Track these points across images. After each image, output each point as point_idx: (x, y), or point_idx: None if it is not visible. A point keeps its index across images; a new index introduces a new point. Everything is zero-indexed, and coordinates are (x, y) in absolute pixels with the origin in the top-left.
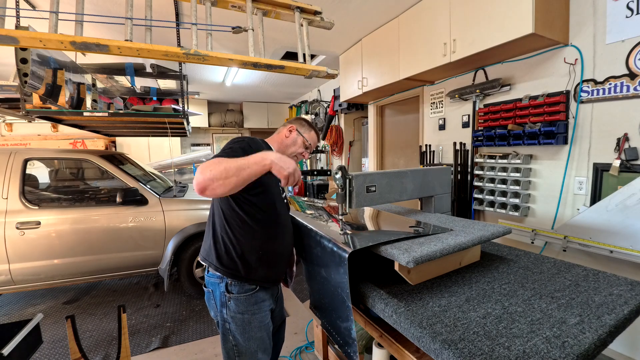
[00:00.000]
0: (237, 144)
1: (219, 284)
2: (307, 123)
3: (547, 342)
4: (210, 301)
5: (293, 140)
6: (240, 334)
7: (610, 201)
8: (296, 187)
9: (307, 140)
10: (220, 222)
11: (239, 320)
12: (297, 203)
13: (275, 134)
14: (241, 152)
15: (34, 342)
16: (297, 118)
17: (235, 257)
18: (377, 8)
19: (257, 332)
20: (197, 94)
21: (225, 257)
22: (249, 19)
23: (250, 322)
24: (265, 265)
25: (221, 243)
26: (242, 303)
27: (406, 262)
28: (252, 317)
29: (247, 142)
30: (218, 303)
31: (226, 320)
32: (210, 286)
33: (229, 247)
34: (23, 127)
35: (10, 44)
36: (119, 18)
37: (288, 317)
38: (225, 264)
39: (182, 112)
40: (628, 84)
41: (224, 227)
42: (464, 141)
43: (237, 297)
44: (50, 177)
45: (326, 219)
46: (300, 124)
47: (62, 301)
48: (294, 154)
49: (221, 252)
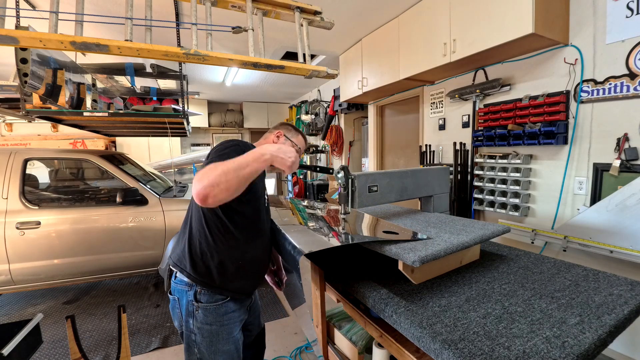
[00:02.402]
0: (230, 148)
1: (187, 291)
2: (293, 128)
3: (547, 342)
4: (175, 310)
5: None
6: (207, 347)
7: (610, 201)
8: (296, 188)
9: (295, 144)
10: (199, 226)
11: (206, 332)
12: (299, 213)
13: (263, 140)
14: (235, 155)
15: (34, 342)
16: (282, 123)
17: (212, 265)
18: (377, 8)
19: (225, 345)
20: (197, 94)
21: (200, 265)
22: (249, 19)
23: (218, 333)
24: (242, 276)
25: (197, 249)
26: (211, 313)
27: (412, 262)
28: (221, 328)
29: (239, 145)
30: (184, 312)
31: (192, 331)
32: (177, 294)
33: (206, 255)
34: (23, 127)
35: (10, 44)
36: (119, 18)
37: (288, 317)
38: (199, 272)
39: (182, 112)
40: (628, 84)
41: (204, 232)
42: (464, 141)
43: (206, 306)
44: (50, 177)
45: (327, 233)
46: (287, 129)
47: (62, 301)
48: None
49: (196, 259)
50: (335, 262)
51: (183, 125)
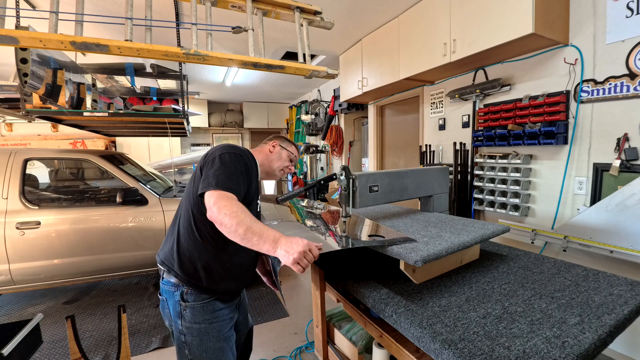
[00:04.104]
0: (237, 166)
1: (173, 292)
2: (287, 140)
3: (547, 342)
4: (165, 310)
5: (278, 154)
6: (197, 346)
7: (610, 201)
8: (296, 187)
9: (291, 153)
10: (187, 226)
11: (195, 331)
12: (297, 211)
13: (259, 148)
14: (240, 177)
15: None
16: (277, 135)
17: (199, 266)
18: (377, 8)
19: (216, 343)
20: (197, 94)
21: (188, 265)
22: (249, 19)
23: (207, 332)
24: (229, 278)
25: (185, 249)
26: (198, 312)
27: (414, 262)
28: (209, 326)
29: (245, 162)
30: (172, 313)
31: (181, 332)
32: (165, 294)
33: (194, 256)
34: (23, 127)
35: (10, 44)
36: (119, 18)
37: (288, 318)
38: (186, 272)
39: (182, 112)
40: (628, 84)
41: (192, 233)
42: (464, 141)
43: (193, 305)
44: (50, 177)
45: (324, 232)
46: (281, 140)
47: (62, 301)
48: (281, 168)
49: (184, 259)
50: (335, 262)
51: (183, 125)
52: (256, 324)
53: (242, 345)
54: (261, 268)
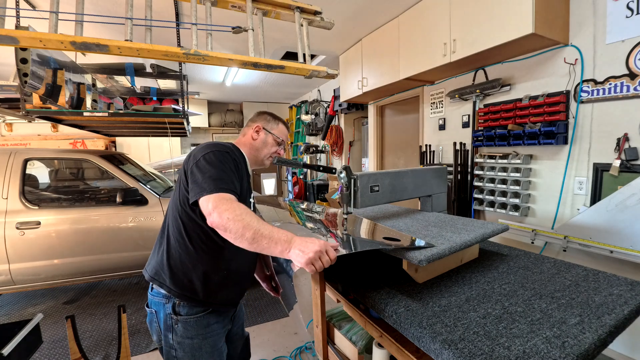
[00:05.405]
0: (226, 164)
1: (164, 304)
2: (272, 116)
3: (547, 342)
4: (153, 324)
5: (262, 141)
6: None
7: (610, 201)
8: (296, 188)
9: (277, 137)
10: (178, 236)
11: (187, 347)
12: (297, 214)
13: (242, 137)
14: (232, 175)
15: (34, 342)
16: (260, 113)
17: (194, 277)
18: (377, 8)
19: (209, 358)
20: (197, 94)
21: (181, 277)
22: (249, 19)
23: (200, 347)
24: (228, 286)
25: (177, 260)
26: (192, 326)
27: (418, 261)
28: (203, 341)
29: (233, 159)
30: (162, 326)
31: (172, 346)
32: (154, 306)
33: (187, 266)
34: (23, 127)
35: (10, 44)
36: (119, 18)
37: (288, 318)
38: (179, 285)
39: (182, 112)
40: (628, 84)
41: (184, 242)
42: (464, 141)
43: (186, 319)
44: (50, 177)
45: (324, 233)
46: (265, 120)
47: (62, 301)
48: (268, 156)
49: (177, 272)
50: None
51: (183, 125)
52: (256, 324)
53: (239, 355)
54: (260, 274)
